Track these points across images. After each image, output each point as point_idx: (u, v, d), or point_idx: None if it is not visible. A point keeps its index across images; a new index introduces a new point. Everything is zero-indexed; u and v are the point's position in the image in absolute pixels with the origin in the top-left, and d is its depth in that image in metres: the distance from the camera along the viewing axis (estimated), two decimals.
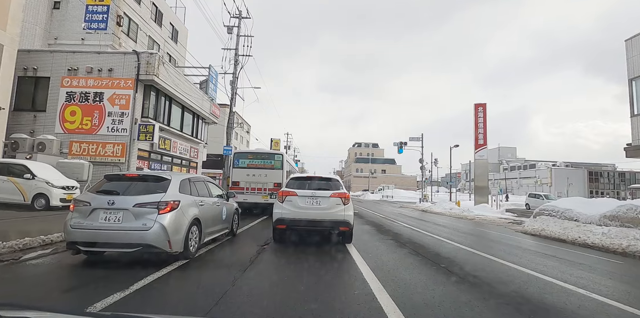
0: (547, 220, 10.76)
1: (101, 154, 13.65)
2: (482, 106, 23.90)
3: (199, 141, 20.63)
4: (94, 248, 4.49)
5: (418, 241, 8.16)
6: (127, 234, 4.39)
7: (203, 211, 5.45)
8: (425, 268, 5.17)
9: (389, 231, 9.88)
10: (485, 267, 5.52)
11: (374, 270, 4.73)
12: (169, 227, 4.47)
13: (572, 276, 5.03)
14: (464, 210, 19.56)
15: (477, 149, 23.57)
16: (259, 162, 13.31)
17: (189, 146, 18.93)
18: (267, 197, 12.54)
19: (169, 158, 17.45)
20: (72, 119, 13.93)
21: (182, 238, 4.69)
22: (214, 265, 5.06)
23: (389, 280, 4.28)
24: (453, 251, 7.01)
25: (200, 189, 5.83)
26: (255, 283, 4.03)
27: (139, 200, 4.53)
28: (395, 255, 6.17)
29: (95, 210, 4.48)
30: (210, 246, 6.16)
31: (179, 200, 4.79)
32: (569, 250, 7.99)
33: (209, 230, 5.77)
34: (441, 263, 5.48)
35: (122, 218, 4.43)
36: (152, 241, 4.39)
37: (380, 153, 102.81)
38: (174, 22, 25.05)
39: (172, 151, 16.92)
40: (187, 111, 18.55)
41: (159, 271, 4.25)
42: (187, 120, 18.89)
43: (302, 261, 5.45)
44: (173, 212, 4.61)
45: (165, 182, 4.93)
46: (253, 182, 12.79)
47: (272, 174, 12.94)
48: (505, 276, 4.94)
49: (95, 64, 14.17)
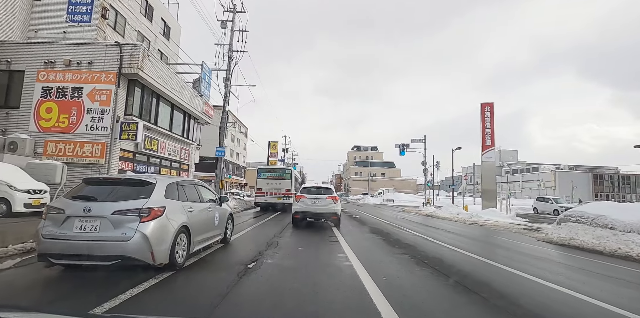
0: (575, 227, 9.55)
1: (79, 154, 12.42)
2: (489, 106, 22.76)
3: (191, 142, 19.42)
4: (67, 261, 4.10)
5: (437, 255, 6.94)
6: (105, 245, 4.00)
7: (192, 217, 5.06)
8: (461, 298, 3.97)
9: (399, 241, 8.66)
10: (534, 295, 4.31)
11: (396, 307, 3.50)
12: (151, 237, 4.08)
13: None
14: (472, 215, 18.34)
15: (484, 151, 22.39)
16: (275, 175, 18.44)
17: (179, 147, 17.70)
18: (281, 198, 17.79)
19: (157, 160, 16.22)
20: (48, 117, 12.71)
21: (167, 249, 4.29)
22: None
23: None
24: (483, 269, 5.79)
25: (189, 193, 5.42)
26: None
27: (118, 207, 4.14)
28: (415, 277, 4.95)
29: (70, 218, 4.09)
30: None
31: (164, 206, 4.40)
32: (612, 264, 6.78)
33: (199, 238, 5.35)
34: (481, 291, 4.25)
35: (100, 227, 4.05)
36: (133, 252, 4.01)
37: (380, 156, 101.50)
38: (165, 17, 23.92)
39: (160, 152, 15.69)
40: (177, 109, 17.36)
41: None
42: (177, 119, 17.70)
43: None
44: (157, 220, 4.23)
45: (149, 186, 4.54)
46: (271, 188, 17.89)
47: (284, 183, 17.99)
48: (569, 309, 3.74)
49: (74, 57, 12.99)
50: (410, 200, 51.70)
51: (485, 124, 22.55)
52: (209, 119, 20.43)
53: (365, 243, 8.11)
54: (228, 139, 54.12)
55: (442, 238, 9.87)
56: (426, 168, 31.93)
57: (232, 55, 18.72)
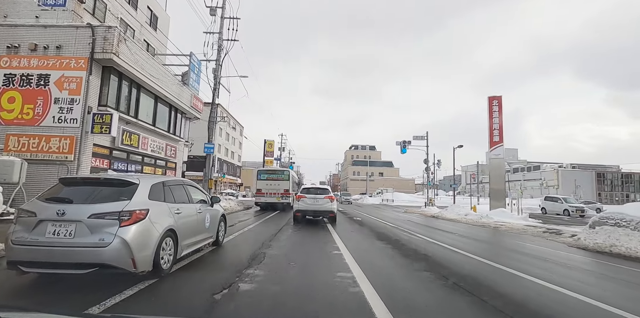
0: (615, 232, 8.22)
1: (44, 150, 10.95)
2: (496, 99, 21.42)
3: (178, 139, 17.97)
4: (39, 269, 3.76)
5: (466, 271, 5.55)
6: (81, 252, 3.66)
7: (180, 220, 4.75)
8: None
9: (413, 252, 7.26)
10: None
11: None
12: (132, 242, 3.76)
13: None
14: (481, 216, 17.00)
15: (492, 148, 21.06)
16: (274, 176, 19.10)
17: (164, 144, 16.25)
18: (280, 198, 18.37)
19: (139, 157, 14.77)
20: (11, 108, 11.24)
21: (150, 255, 3.98)
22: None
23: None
24: (527, 289, 4.42)
25: (177, 194, 5.09)
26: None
27: (95, 210, 3.83)
28: (451, 306, 3.57)
29: (42, 222, 3.77)
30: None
31: (148, 209, 4.09)
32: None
33: (187, 242, 5.04)
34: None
35: (75, 231, 3.72)
36: (111, 260, 3.68)
37: (378, 155, 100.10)
38: (152, 6, 22.43)
39: (142, 148, 14.24)
40: (162, 102, 15.92)
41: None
42: (162, 113, 16.26)
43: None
44: (139, 223, 3.92)
45: (131, 187, 4.21)
46: (270, 189, 18.58)
47: (282, 184, 18.68)
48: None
49: (40, 40, 11.53)
50: (410, 200, 50.36)
51: (493, 119, 21.21)
52: (198, 114, 18.96)
53: (374, 255, 6.71)
54: (222, 138, 52.31)
55: (459, 244, 8.51)
56: (428, 167, 30.56)
57: (222, 44, 17.30)
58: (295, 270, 5.01)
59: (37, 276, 4.00)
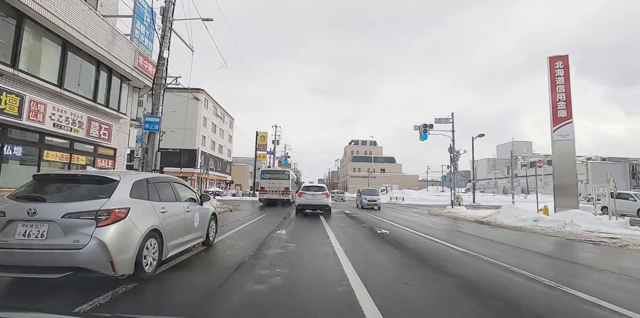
0: None
1: None
2: (561, 60, 15.62)
3: (117, 114, 12.42)
4: (8, 273, 3.52)
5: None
6: (53, 254, 3.41)
7: (165, 219, 4.52)
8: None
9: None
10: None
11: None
12: (111, 244, 3.50)
13: None
14: (564, 223, 11.43)
15: (556, 126, 15.28)
16: (275, 176, 22.22)
17: (83, 118, 10.59)
18: (281, 195, 21.40)
19: (33, 135, 9.16)
20: None
21: (131, 257, 3.73)
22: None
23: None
24: None
25: (163, 192, 4.83)
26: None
27: (70, 209, 3.55)
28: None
29: (12, 222, 3.53)
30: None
31: (128, 207, 3.83)
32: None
33: (174, 242, 4.80)
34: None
35: (47, 232, 3.47)
36: (87, 263, 3.43)
37: (379, 151, 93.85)
38: None
39: (31, 118, 8.60)
40: (82, 55, 10.45)
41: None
42: (85, 73, 11.06)
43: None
44: (118, 223, 3.65)
45: (111, 184, 3.93)
46: (272, 187, 21.64)
47: (283, 182, 21.82)
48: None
49: None
50: (423, 198, 44.05)
51: (557, 88, 15.47)
52: (146, 79, 13.24)
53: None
54: (207, 129, 46.36)
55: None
56: (454, 155, 24.64)
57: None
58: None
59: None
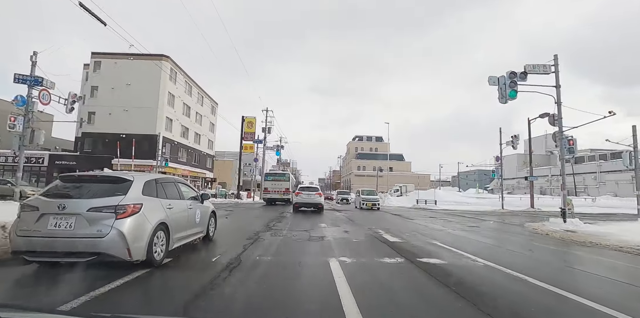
0: None
1: None
2: None
3: None
4: (42, 258, 4.17)
5: None
6: (80, 242, 4.06)
7: (172, 215, 5.12)
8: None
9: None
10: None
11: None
12: (128, 234, 4.14)
13: None
14: None
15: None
16: (277, 177, 25.18)
17: None
18: (282, 195, 24.17)
19: None
20: None
21: (144, 246, 4.34)
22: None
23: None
24: None
25: (169, 191, 5.50)
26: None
27: (93, 204, 4.20)
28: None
29: (44, 215, 4.16)
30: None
31: (142, 203, 4.47)
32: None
33: (179, 235, 5.40)
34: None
35: (75, 224, 4.10)
36: (109, 249, 4.07)
37: (385, 147, 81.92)
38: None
39: None
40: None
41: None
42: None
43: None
44: (134, 216, 4.30)
45: (126, 183, 4.61)
46: (275, 187, 24.52)
47: (284, 183, 24.70)
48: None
49: None
50: (458, 201, 33.93)
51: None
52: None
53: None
54: (175, 110, 36.73)
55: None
56: (560, 130, 13.35)
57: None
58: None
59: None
